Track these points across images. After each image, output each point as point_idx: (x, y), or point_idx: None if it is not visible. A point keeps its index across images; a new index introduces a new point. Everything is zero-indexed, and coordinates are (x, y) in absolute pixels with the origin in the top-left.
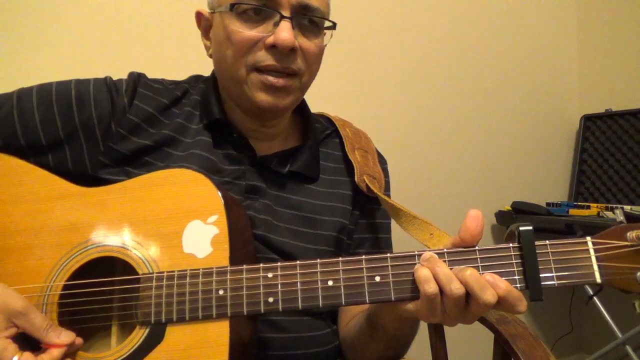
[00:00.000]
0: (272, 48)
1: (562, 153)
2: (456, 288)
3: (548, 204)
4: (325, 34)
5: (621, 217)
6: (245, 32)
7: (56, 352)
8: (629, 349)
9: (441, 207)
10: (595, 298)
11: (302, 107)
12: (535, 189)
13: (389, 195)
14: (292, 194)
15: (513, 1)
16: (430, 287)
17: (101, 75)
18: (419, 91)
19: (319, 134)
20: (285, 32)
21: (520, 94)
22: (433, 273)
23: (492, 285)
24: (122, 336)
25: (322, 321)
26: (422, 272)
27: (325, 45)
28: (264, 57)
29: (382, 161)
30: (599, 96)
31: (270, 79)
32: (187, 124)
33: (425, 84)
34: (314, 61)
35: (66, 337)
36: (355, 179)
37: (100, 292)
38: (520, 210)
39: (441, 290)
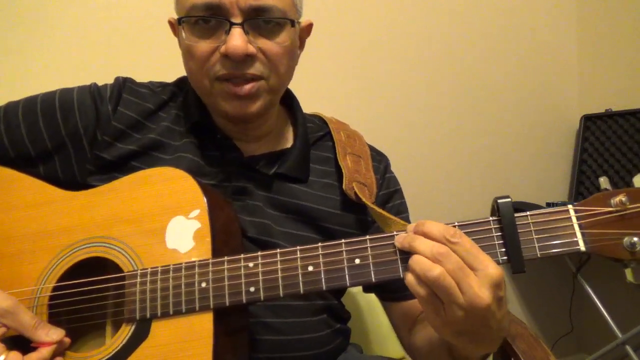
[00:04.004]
0: (227, 57)
1: (562, 153)
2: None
3: (548, 204)
4: (294, 30)
5: (605, 185)
6: (200, 43)
7: (45, 350)
8: (629, 349)
9: (440, 207)
10: (595, 298)
11: (293, 108)
12: (535, 189)
13: (394, 191)
14: (281, 196)
15: (513, 1)
16: (422, 289)
17: (98, 77)
18: (418, 91)
19: (311, 136)
20: (235, 40)
21: (520, 94)
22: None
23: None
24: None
25: (322, 322)
26: (409, 278)
27: (290, 43)
28: (220, 68)
29: (380, 160)
30: (599, 96)
31: (232, 88)
32: (174, 127)
33: (425, 84)
34: (279, 61)
35: (55, 334)
36: (344, 186)
37: (88, 292)
38: (521, 210)
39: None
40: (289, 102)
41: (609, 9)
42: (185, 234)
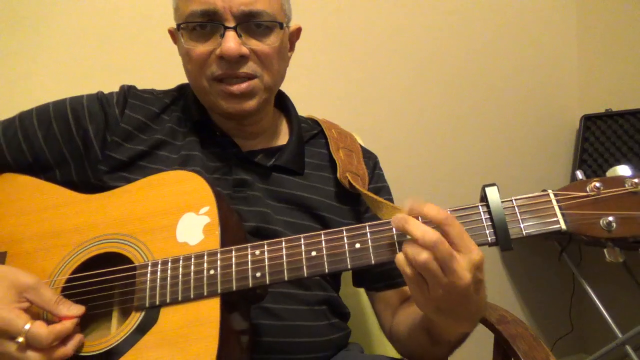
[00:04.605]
0: (222, 58)
1: (562, 153)
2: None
3: None
4: (283, 33)
5: (581, 177)
6: (198, 47)
7: (68, 322)
8: (629, 349)
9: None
10: (595, 298)
11: (287, 107)
12: (535, 189)
13: (381, 187)
14: (279, 187)
15: (513, 1)
16: (409, 270)
17: (99, 79)
18: (418, 91)
19: (305, 134)
20: (229, 42)
21: (520, 94)
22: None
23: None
24: (123, 323)
25: (321, 313)
26: (399, 258)
27: (279, 44)
28: (216, 68)
29: (369, 156)
30: (599, 96)
31: (229, 87)
32: (177, 128)
33: (425, 84)
34: (271, 61)
35: (76, 309)
36: (338, 175)
37: (99, 282)
38: None
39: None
40: (283, 102)
41: (609, 9)
42: (195, 228)
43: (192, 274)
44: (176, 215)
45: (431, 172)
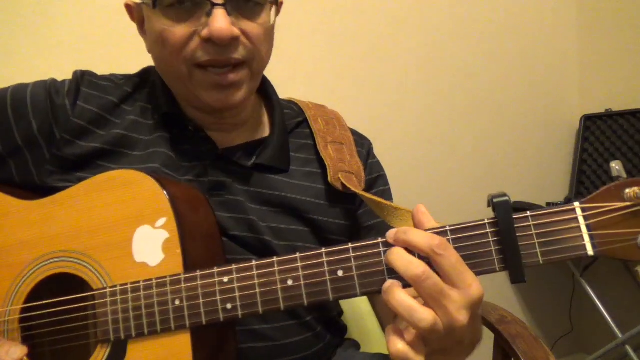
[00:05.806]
0: (209, 41)
1: (562, 153)
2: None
3: (548, 204)
4: (271, 8)
5: (617, 171)
6: (176, 28)
7: None
8: (629, 349)
9: (440, 207)
10: (595, 298)
11: (268, 93)
12: (535, 189)
13: (377, 177)
14: (262, 188)
15: (513, 1)
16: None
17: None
18: (417, 91)
19: (289, 122)
20: (219, 22)
21: (520, 94)
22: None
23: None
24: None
25: (313, 322)
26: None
27: (273, 23)
28: (200, 53)
29: (363, 144)
30: (599, 96)
31: (216, 77)
32: (142, 121)
33: (425, 83)
34: (262, 43)
35: (16, 353)
36: (329, 179)
37: (58, 313)
38: (521, 210)
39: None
40: (263, 87)
41: (609, 9)
42: (153, 245)
43: (155, 305)
44: (130, 228)
45: (430, 171)
